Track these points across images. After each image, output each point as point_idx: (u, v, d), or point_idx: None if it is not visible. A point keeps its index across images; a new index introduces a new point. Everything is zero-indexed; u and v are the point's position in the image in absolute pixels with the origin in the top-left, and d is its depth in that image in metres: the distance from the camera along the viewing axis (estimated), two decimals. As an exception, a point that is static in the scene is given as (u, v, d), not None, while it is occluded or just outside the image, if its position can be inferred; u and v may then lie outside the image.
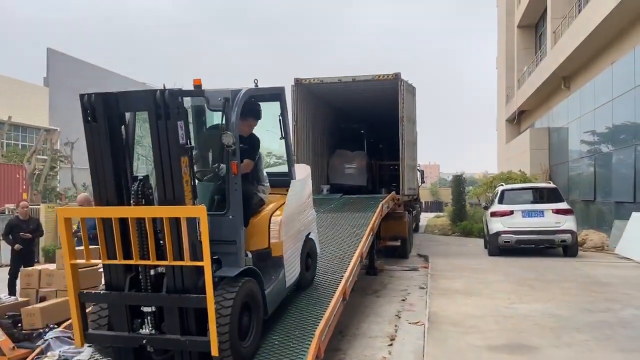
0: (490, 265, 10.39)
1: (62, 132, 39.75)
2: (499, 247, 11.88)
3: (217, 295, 3.56)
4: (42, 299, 6.47)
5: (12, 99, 37.63)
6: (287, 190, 4.86)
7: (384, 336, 5.83)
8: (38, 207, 16.14)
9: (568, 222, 11.37)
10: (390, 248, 12.08)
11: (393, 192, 11.11)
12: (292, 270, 4.87)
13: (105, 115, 3.53)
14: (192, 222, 3.52)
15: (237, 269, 3.91)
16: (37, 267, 7.44)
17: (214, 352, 3.42)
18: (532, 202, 11.99)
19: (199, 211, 3.45)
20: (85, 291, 3.77)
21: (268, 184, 4.88)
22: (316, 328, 4.32)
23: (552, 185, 12.63)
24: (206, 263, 3.38)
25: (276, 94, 4.96)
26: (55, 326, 5.76)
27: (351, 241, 7.07)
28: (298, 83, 11.76)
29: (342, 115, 14.66)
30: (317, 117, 13.14)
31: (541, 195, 12.34)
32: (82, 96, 3.55)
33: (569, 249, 11.56)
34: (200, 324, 3.60)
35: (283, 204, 4.78)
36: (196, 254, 3.51)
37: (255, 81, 4.52)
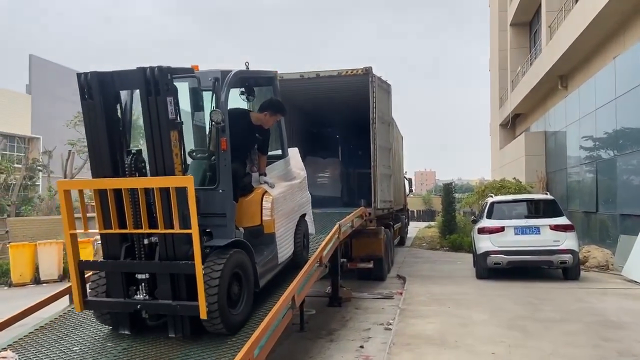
0: (476, 295, 8.69)
1: (44, 140, 38.23)
2: (488, 269, 10.21)
3: (207, 263, 3.78)
4: None
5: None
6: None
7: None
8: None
9: (568, 240, 9.71)
10: (364, 270, 10.45)
11: (362, 207, 9.42)
12: (284, 248, 5.07)
13: (100, 93, 3.73)
14: (182, 193, 3.68)
15: (227, 240, 4.08)
16: None
17: (202, 314, 3.63)
18: (527, 217, 10.31)
19: (187, 181, 3.63)
20: (84, 260, 4.04)
21: (274, 180, 5.11)
22: None
23: (549, 196, 10.96)
24: (194, 230, 3.61)
25: (269, 78, 5.24)
26: None
27: (286, 277, 5.35)
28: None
29: (312, 119, 13.00)
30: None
31: (537, 209, 10.67)
32: (79, 75, 3.73)
33: (570, 271, 9.91)
34: (191, 291, 3.74)
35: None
36: (186, 223, 3.68)
37: (247, 63, 4.71)
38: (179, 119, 3.78)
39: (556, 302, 7.81)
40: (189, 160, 4.45)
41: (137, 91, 3.97)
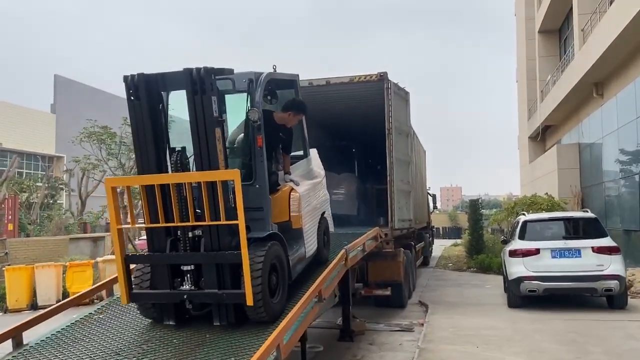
0: (508, 329, 7.53)
1: (68, 158, 38.39)
2: (521, 297, 9.04)
3: (249, 253, 3.86)
4: None
5: (19, 127, 36.85)
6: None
7: None
8: None
9: (614, 264, 8.52)
10: (381, 297, 9.41)
11: (376, 228, 8.40)
12: (310, 243, 5.25)
13: (147, 93, 3.96)
14: (227, 186, 3.93)
15: (266, 232, 4.32)
16: None
17: (249, 301, 3.81)
18: (565, 238, 9.11)
19: (233, 174, 3.83)
20: (130, 254, 4.31)
21: (298, 179, 5.32)
22: None
23: (590, 214, 9.74)
24: (240, 220, 3.75)
25: (292, 81, 5.43)
26: None
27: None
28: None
29: (324, 131, 12.07)
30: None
31: (576, 228, 9.47)
32: (125, 77, 3.99)
33: (616, 299, 8.71)
34: (235, 281, 4.00)
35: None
36: (230, 215, 3.88)
37: (274, 66, 4.91)
38: (221, 117, 4.00)
39: (605, 340, 6.62)
40: None
41: (172, 93, 4.37)
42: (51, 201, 28.69)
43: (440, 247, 25.76)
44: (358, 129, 11.82)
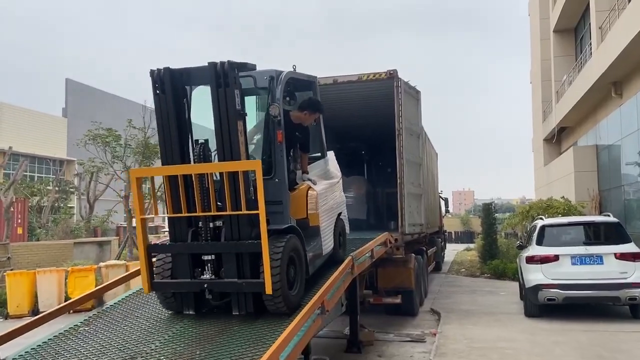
0: (526, 341, 7.07)
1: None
2: (539, 306, 8.58)
3: (268, 244, 3.93)
4: None
5: (30, 130, 36.97)
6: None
7: None
8: None
9: (639, 272, 8.03)
10: (392, 304, 9.00)
11: (386, 233, 8.00)
12: (327, 241, 5.30)
13: (172, 87, 4.11)
14: (247, 178, 4.05)
15: (285, 224, 4.40)
16: None
17: (268, 290, 3.92)
18: (586, 244, 8.64)
19: (255, 165, 3.95)
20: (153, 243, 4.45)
21: (315, 179, 5.36)
22: None
23: (612, 219, 9.25)
24: (261, 210, 3.91)
25: (310, 82, 5.55)
26: None
27: (259, 345, 3.84)
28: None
29: (332, 132, 11.64)
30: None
31: (597, 233, 9.00)
32: (152, 71, 4.15)
33: (642, 308, 8.20)
34: (254, 271, 4.11)
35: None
36: (251, 206, 4.01)
37: (294, 66, 5.15)
38: (243, 110, 4.10)
39: (632, 356, 6.16)
40: None
41: (196, 88, 4.42)
42: (61, 205, 28.60)
43: (452, 251, 25.26)
44: (367, 130, 11.44)
